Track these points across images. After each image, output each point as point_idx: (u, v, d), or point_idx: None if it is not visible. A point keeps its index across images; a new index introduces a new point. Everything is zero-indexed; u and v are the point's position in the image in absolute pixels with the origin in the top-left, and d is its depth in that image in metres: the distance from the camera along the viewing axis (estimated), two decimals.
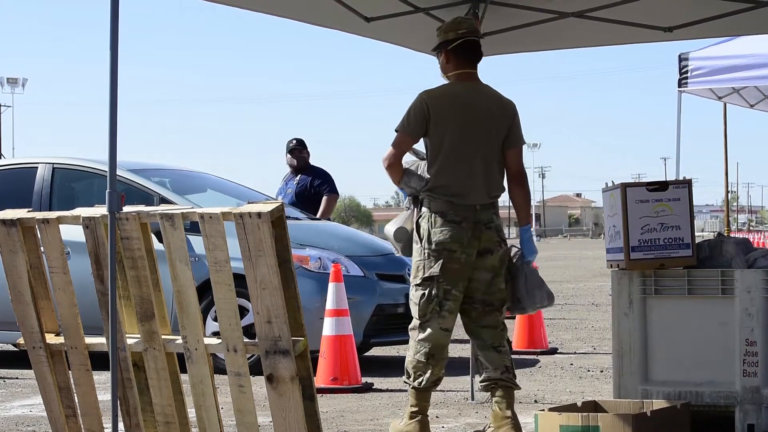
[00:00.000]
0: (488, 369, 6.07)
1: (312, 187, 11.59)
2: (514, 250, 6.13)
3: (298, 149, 11.70)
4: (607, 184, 6.44)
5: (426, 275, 6.00)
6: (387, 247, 10.20)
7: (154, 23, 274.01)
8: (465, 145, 6.03)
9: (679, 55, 12.29)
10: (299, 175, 11.69)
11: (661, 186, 6.13)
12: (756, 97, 13.77)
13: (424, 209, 6.07)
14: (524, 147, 6.28)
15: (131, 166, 10.33)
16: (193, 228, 5.40)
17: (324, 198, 11.55)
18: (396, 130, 6.10)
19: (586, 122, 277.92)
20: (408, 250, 6.26)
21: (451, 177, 6.01)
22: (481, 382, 6.13)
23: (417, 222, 6.09)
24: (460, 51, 6.16)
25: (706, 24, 7.71)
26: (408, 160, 6.22)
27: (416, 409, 6.12)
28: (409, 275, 9.90)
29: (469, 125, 6.04)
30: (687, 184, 6.16)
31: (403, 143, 6.09)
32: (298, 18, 7.41)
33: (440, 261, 5.96)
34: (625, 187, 6.14)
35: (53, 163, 10.34)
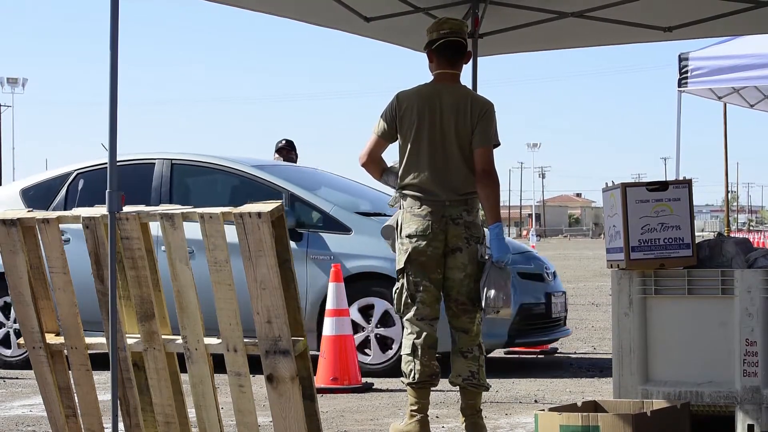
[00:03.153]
0: (453, 374, 6.20)
1: None
2: (486, 250, 6.16)
3: (286, 149, 11.47)
4: (607, 183, 6.44)
5: (398, 268, 6.19)
6: (524, 246, 10.16)
7: (153, 23, 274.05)
8: (431, 143, 6.15)
9: (679, 55, 12.29)
10: None
11: (661, 186, 6.13)
12: (756, 97, 13.77)
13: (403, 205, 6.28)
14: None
15: (254, 162, 10.11)
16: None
17: None
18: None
19: (586, 122, 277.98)
20: (395, 247, 6.35)
21: (417, 174, 6.17)
22: (449, 381, 6.25)
23: (397, 218, 6.27)
24: (441, 51, 6.25)
25: (706, 24, 7.72)
26: (396, 159, 6.35)
27: (415, 408, 6.15)
28: (548, 273, 9.85)
29: (435, 124, 6.16)
30: (687, 184, 6.15)
31: (373, 143, 6.31)
32: (298, 18, 7.41)
33: (407, 254, 6.13)
34: (625, 187, 6.13)
35: (171, 159, 10.08)
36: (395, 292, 6.23)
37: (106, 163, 10.28)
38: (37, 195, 10.34)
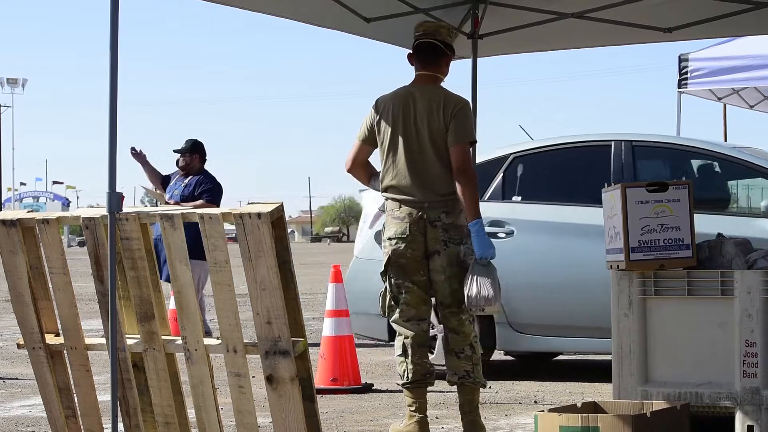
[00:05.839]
0: (449, 373, 6.23)
1: (193, 194, 11.00)
2: (469, 249, 6.16)
3: (178, 152, 11.15)
4: (606, 184, 6.44)
5: (381, 270, 6.23)
6: None
7: (152, 23, 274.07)
8: (406, 145, 6.18)
9: (679, 56, 12.31)
10: (189, 177, 11.16)
11: (661, 187, 6.13)
12: (756, 98, 13.79)
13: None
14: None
15: (729, 144, 9.28)
16: None
17: (199, 202, 10.77)
18: None
19: (586, 122, 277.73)
20: None
21: (395, 176, 6.20)
22: (446, 380, 6.30)
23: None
24: (416, 53, 6.33)
25: (706, 25, 7.71)
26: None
27: (413, 408, 6.18)
28: None
29: (410, 126, 6.19)
30: (687, 185, 6.15)
31: (356, 149, 6.38)
32: (298, 19, 7.40)
33: (388, 256, 6.18)
34: (625, 187, 6.13)
35: (632, 141, 9.01)
36: (380, 295, 6.28)
37: (546, 147, 9.41)
38: None
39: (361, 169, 6.41)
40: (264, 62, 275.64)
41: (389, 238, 6.16)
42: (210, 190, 11.03)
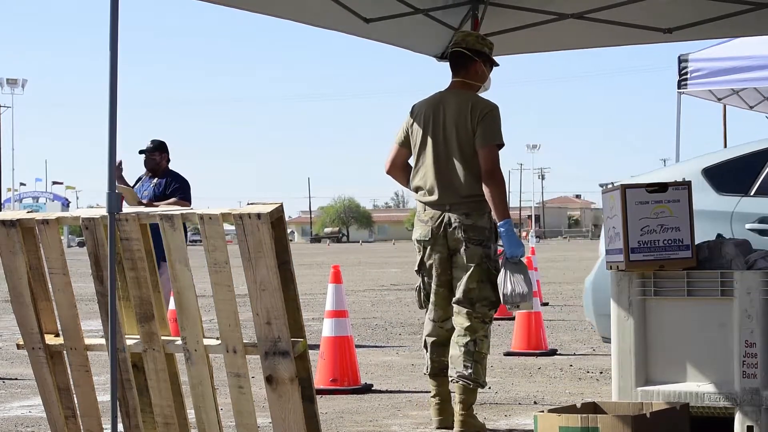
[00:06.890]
0: (450, 367, 6.46)
1: (165, 194, 11.02)
2: (499, 249, 6.40)
3: (146, 152, 11.15)
4: (606, 185, 6.45)
5: (415, 269, 6.54)
6: None
7: (152, 24, 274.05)
8: (435, 148, 6.37)
9: (679, 57, 12.30)
10: (156, 179, 11.15)
11: (661, 187, 6.13)
12: (755, 98, 13.78)
13: None
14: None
15: None
16: None
17: (172, 200, 10.87)
18: None
19: (586, 123, 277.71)
20: None
21: (422, 179, 6.42)
22: (448, 375, 6.52)
23: None
24: (449, 63, 6.60)
25: (706, 25, 7.72)
26: None
27: (432, 394, 6.50)
28: None
29: (438, 130, 6.37)
30: (687, 185, 6.15)
31: (393, 152, 6.61)
32: (298, 19, 7.40)
33: (419, 256, 6.47)
34: (624, 188, 6.13)
35: None
36: (416, 290, 6.58)
37: None
38: (727, 173, 8.21)
39: (400, 171, 6.62)
40: (264, 62, 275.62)
41: (417, 240, 6.45)
42: (181, 188, 11.11)
